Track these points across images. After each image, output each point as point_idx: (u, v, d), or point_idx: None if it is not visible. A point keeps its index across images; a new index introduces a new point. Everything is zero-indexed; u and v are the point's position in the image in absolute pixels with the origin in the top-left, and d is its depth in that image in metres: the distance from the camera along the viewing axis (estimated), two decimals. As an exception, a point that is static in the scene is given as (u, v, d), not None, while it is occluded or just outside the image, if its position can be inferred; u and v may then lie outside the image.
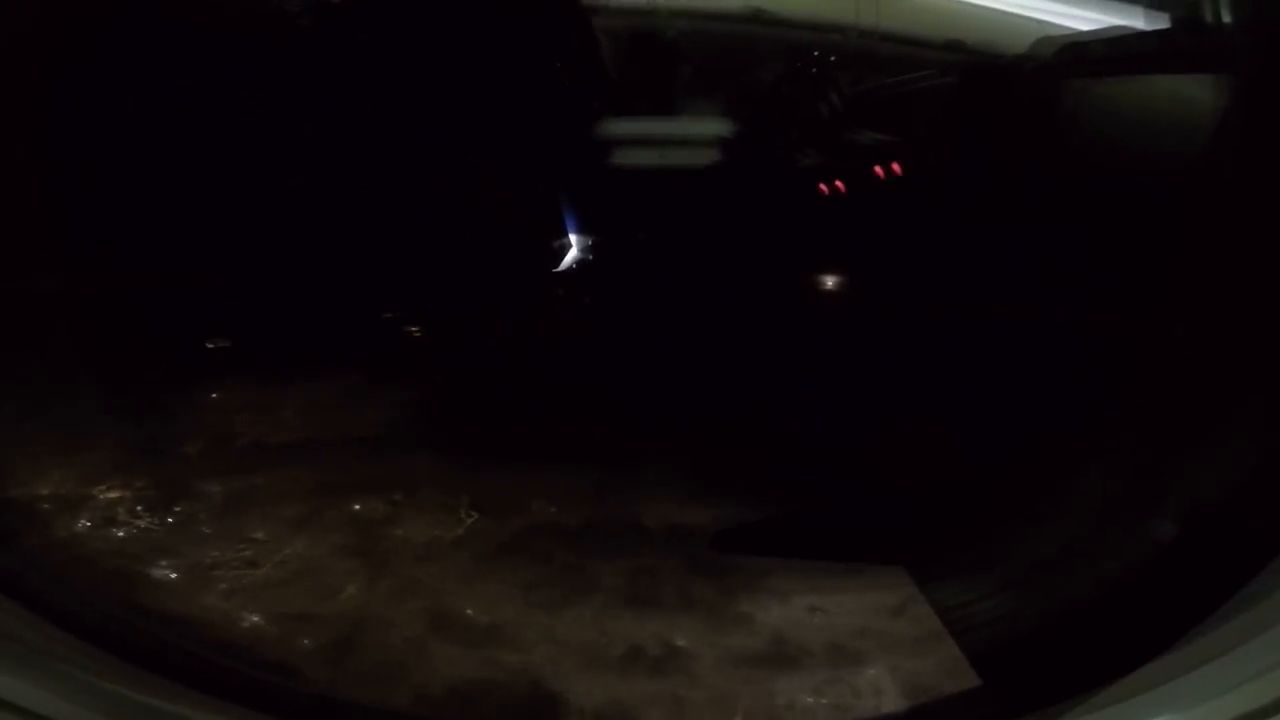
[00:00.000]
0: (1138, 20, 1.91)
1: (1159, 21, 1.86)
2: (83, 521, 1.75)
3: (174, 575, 1.64)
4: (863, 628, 1.63)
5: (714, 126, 2.30)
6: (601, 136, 2.19)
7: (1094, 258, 1.82)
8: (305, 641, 1.53)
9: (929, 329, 2.09)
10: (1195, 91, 1.73)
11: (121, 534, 1.73)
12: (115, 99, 1.97)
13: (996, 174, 2.13)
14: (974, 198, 2.14)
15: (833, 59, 2.41)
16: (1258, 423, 1.38)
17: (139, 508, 1.80)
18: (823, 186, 2.39)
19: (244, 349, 2.28)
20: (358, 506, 1.88)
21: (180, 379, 2.17)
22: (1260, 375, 1.41)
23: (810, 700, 1.48)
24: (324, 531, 1.80)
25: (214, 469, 1.91)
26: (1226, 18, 1.74)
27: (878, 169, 2.33)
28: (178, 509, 1.81)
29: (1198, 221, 1.67)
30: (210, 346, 2.27)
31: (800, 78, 2.44)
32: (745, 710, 1.47)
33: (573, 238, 2.31)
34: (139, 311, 2.05)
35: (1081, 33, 2.06)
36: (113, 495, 1.81)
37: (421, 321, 2.35)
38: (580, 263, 2.30)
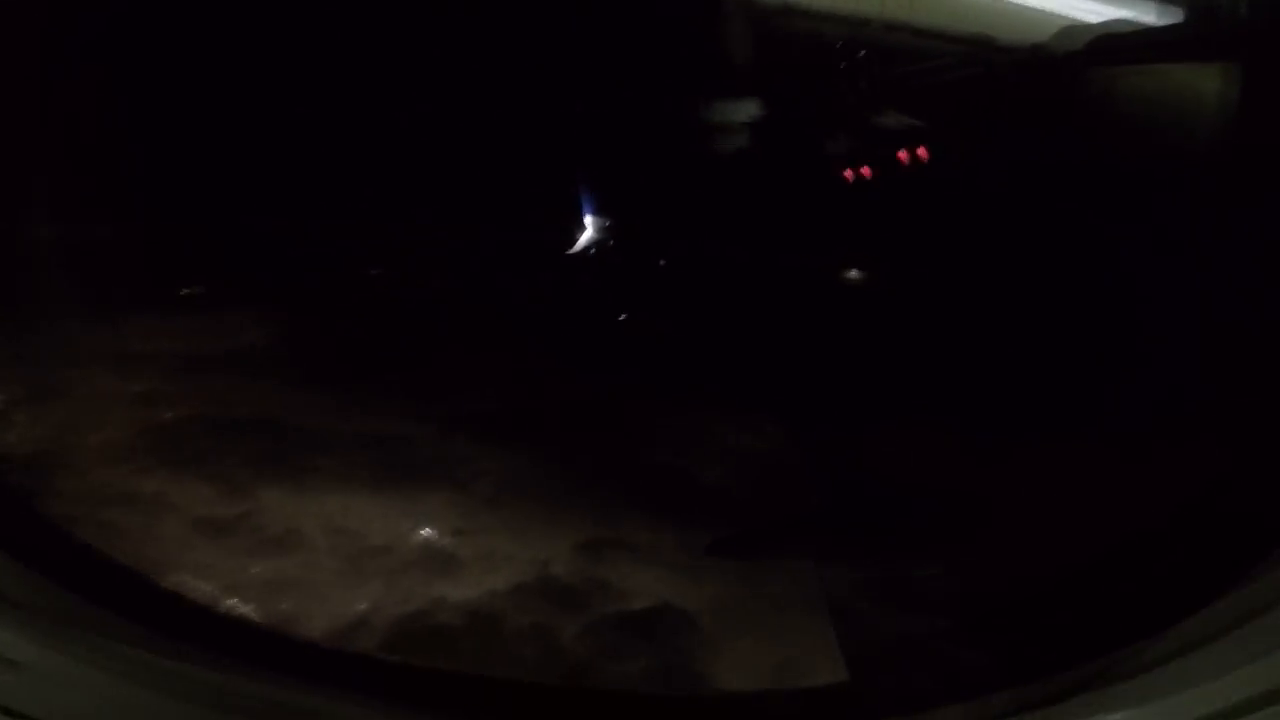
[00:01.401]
0: (1150, 16, 1.91)
1: (1175, 17, 1.85)
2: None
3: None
4: (392, 546, 1.74)
5: (744, 112, 2.35)
6: (632, 120, 2.25)
7: (1094, 248, 1.82)
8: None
9: (937, 313, 2.10)
10: (1212, 82, 1.73)
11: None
12: (119, 55, 2.13)
13: (1021, 161, 2.14)
14: (997, 184, 2.14)
15: (863, 53, 2.44)
16: (1246, 420, 1.38)
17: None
18: (849, 173, 2.41)
19: (218, 290, 2.54)
20: (153, 405, 2.16)
21: (137, 308, 2.44)
22: (1250, 372, 1.41)
23: (233, 565, 1.64)
24: (112, 415, 2.09)
25: (73, 375, 2.21)
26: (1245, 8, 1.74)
27: (903, 155, 2.35)
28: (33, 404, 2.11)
29: (1202, 213, 1.67)
30: (184, 293, 2.55)
31: (830, 68, 2.47)
32: (196, 560, 1.63)
33: (590, 220, 2.38)
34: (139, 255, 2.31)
35: (1110, 22, 2.05)
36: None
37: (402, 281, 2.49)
38: (599, 244, 2.36)
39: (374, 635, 1.51)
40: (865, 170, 2.43)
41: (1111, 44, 1.99)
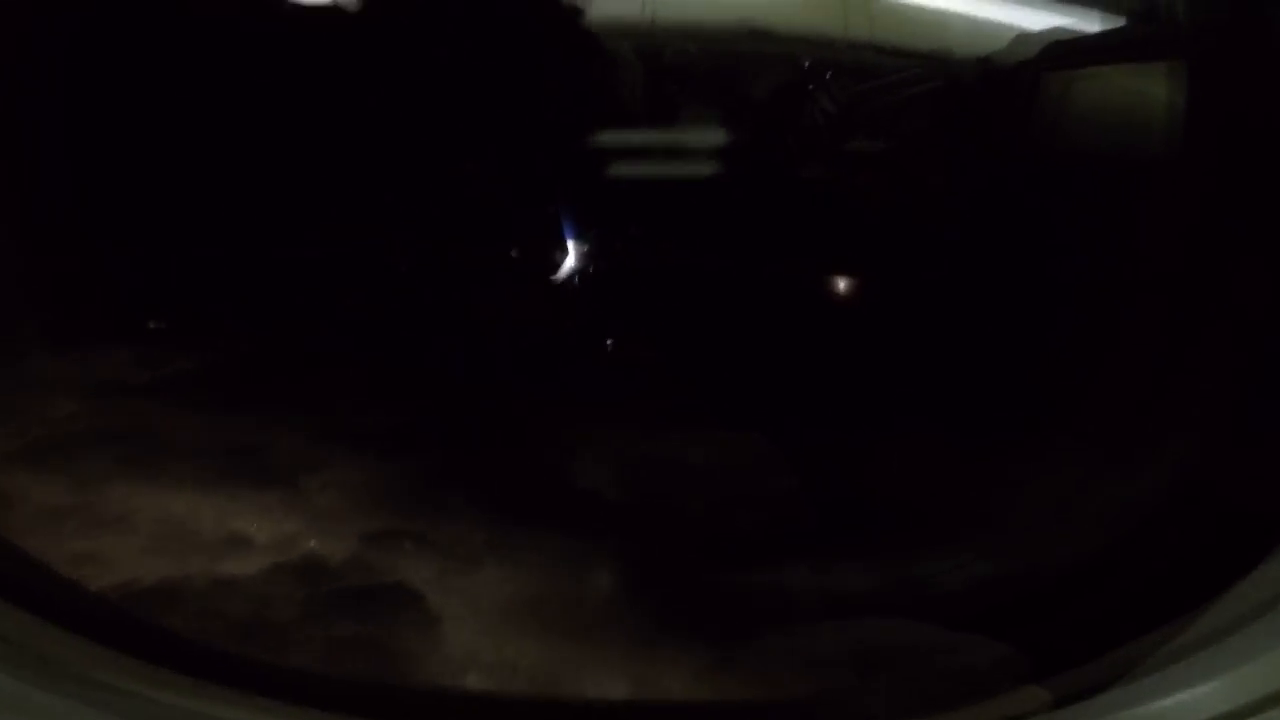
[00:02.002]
0: (1094, 23, 2.01)
1: (1119, 21, 1.95)
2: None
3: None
4: (201, 533, 1.91)
5: (710, 136, 2.40)
6: (598, 146, 2.28)
7: (1073, 243, 1.89)
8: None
9: (914, 315, 2.16)
10: (1157, 80, 1.81)
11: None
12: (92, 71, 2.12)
13: (986, 171, 2.22)
14: (965, 196, 2.22)
15: (829, 73, 2.51)
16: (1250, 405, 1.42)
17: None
18: (822, 191, 2.47)
19: (182, 324, 2.59)
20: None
21: (94, 342, 2.49)
22: (1250, 356, 1.46)
23: (55, 543, 1.82)
24: (15, 435, 2.18)
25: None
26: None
27: (869, 173, 2.42)
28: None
29: (1177, 208, 1.73)
30: (152, 326, 2.57)
31: (795, 88, 2.53)
32: (29, 541, 1.76)
33: (570, 246, 2.39)
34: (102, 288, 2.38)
35: (1058, 29, 2.14)
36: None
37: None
38: (581, 270, 2.37)
39: (131, 592, 1.71)
40: (837, 187, 2.49)
41: (1061, 50, 2.07)
